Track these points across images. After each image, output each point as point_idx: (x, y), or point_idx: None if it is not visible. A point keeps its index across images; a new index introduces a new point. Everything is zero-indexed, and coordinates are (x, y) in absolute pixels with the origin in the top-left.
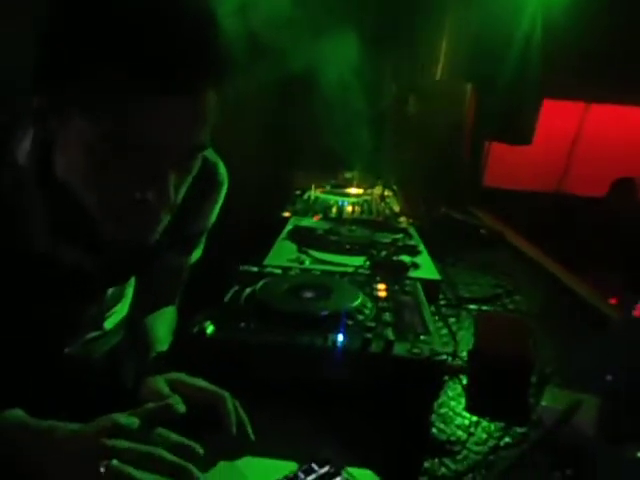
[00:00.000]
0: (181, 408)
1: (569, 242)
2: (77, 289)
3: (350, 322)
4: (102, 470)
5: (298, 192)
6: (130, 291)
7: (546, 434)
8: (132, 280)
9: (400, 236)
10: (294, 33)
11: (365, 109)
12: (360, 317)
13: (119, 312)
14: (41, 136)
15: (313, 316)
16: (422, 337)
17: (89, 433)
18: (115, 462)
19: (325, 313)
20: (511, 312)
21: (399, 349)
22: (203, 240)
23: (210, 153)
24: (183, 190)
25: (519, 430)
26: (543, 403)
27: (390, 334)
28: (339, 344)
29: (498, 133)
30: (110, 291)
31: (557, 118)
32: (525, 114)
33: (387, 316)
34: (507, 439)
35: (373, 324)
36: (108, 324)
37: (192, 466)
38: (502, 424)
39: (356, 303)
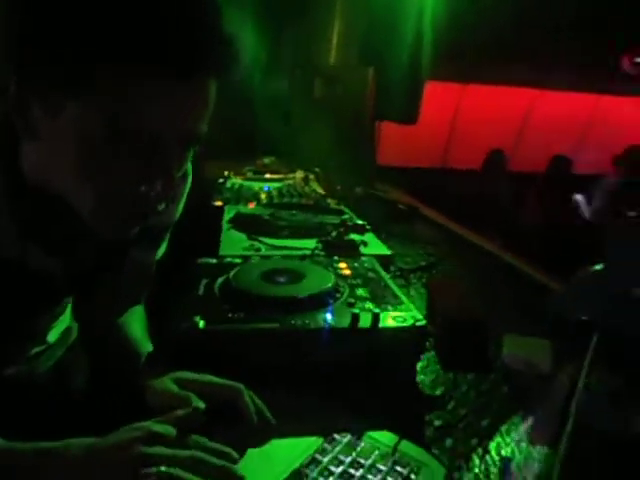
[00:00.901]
0: (202, 406)
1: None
2: (41, 297)
3: (331, 300)
4: (150, 478)
5: (221, 180)
6: (70, 301)
7: None
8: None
9: (347, 216)
10: None
11: (271, 94)
12: (338, 295)
13: (62, 322)
14: (9, 129)
15: (298, 299)
16: (399, 307)
17: (123, 443)
18: (164, 468)
19: (308, 294)
20: (450, 277)
21: (385, 320)
22: (167, 235)
23: None
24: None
25: (491, 377)
26: (505, 351)
27: (373, 307)
28: (329, 322)
29: (387, 113)
30: None
31: (437, 98)
32: (413, 95)
33: (361, 291)
34: (484, 386)
35: (353, 300)
36: (52, 337)
37: (237, 468)
38: (474, 374)
39: (332, 283)
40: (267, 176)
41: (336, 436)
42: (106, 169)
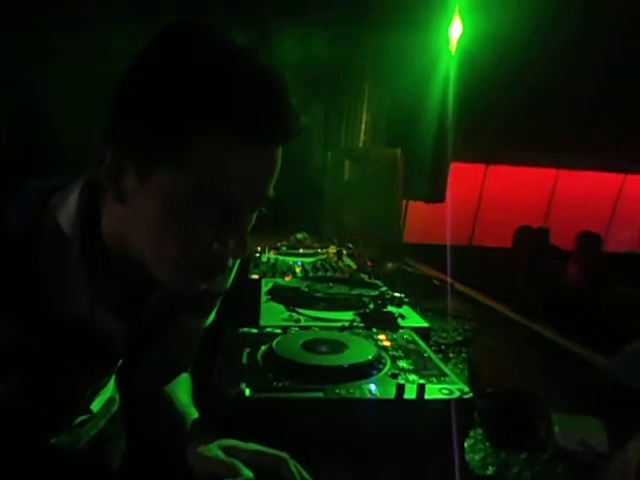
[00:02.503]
0: (249, 474)
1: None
2: (101, 357)
3: (374, 371)
4: None
5: (257, 255)
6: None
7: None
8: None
9: (385, 289)
10: None
11: (305, 175)
12: (381, 367)
13: (105, 392)
14: (95, 192)
15: (341, 368)
16: (444, 379)
17: None
18: None
19: (352, 364)
20: (490, 352)
21: (431, 392)
22: (218, 303)
23: None
24: None
25: (544, 457)
26: (557, 430)
27: (417, 379)
28: (374, 393)
29: (414, 193)
30: None
31: (463, 178)
32: (439, 176)
33: (403, 363)
34: (537, 467)
35: (396, 371)
36: (95, 406)
37: None
38: (525, 454)
39: (374, 353)
40: (300, 251)
41: None
42: (188, 230)
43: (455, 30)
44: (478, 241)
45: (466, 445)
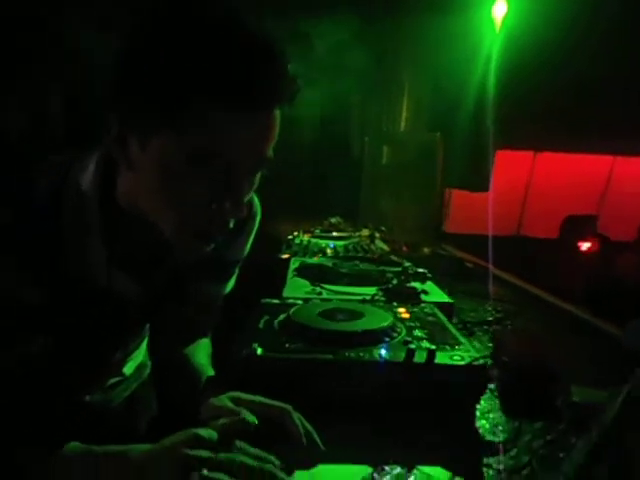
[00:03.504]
0: (253, 420)
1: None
2: (121, 320)
3: (387, 338)
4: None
5: (290, 237)
6: (146, 337)
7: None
8: (147, 328)
9: (408, 265)
10: None
11: (342, 161)
12: (395, 334)
13: (137, 357)
14: (109, 160)
15: (353, 333)
16: (458, 347)
17: (170, 446)
18: (206, 471)
19: (364, 329)
20: (518, 329)
21: (441, 357)
22: (237, 271)
23: None
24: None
25: (559, 427)
26: (575, 400)
27: (429, 345)
28: (384, 356)
29: (460, 181)
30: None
31: (510, 166)
32: (482, 163)
33: (418, 332)
34: (549, 436)
35: (409, 339)
36: (128, 369)
37: (276, 469)
38: (540, 424)
39: (389, 322)
40: (334, 234)
41: (386, 467)
42: (187, 191)
43: (499, 10)
44: (527, 231)
45: (478, 413)
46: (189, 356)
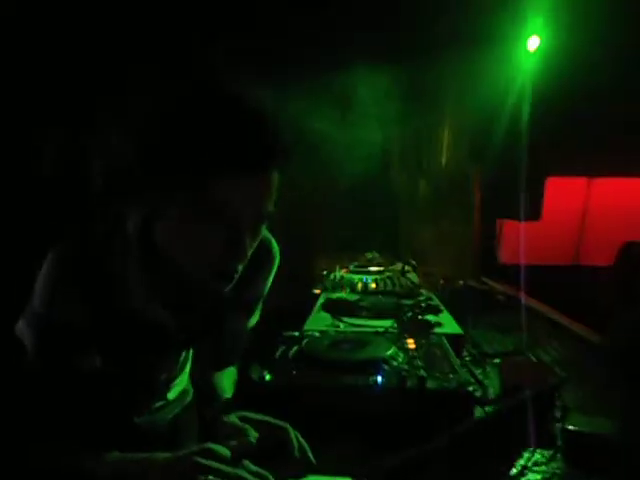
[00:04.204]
0: (254, 436)
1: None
2: (160, 349)
3: (386, 367)
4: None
5: (325, 272)
6: (188, 367)
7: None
8: (190, 356)
9: (423, 298)
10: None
11: (382, 196)
12: (394, 363)
13: (180, 384)
14: (148, 213)
15: (353, 362)
16: (451, 375)
17: (186, 455)
18: (212, 477)
19: (363, 359)
20: (529, 360)
21: (431, 383)
22: (260, 306)
23: (265, 232)
24: (251, 251)
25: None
26: (568, 427)
27: (422, 372)
28: (378, 382)
29: (505, 211)
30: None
31: (563, 194)
32: (529, 192)
33: (418, 362)
34: (540, 457)
35: (407, 367)
36: (171, 394)
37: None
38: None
39: (390, 352)
40: (370, 269)
41: None
42: (207, 239)
43: (533, 42)
44: (585, 260)
45: None
46: (215, 382)
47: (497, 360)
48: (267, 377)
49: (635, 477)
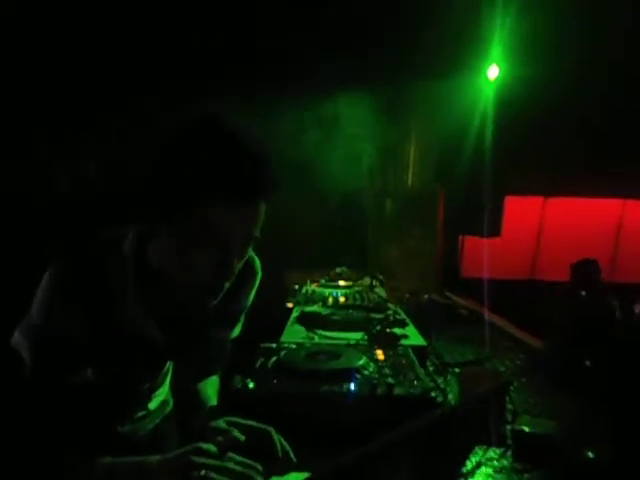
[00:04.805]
0: (241, 438)
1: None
2: (149, 361)
3: (358, 376)
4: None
5: (297, 287)
6: (169, 378)
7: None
8: (171, 368)
9: (391, 312)
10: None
11: (351, 214)
12: (365, 372)
13: (160, 395)
14: (143, 235)
15: (328, 371)
16: (416, 382)
17: (180, 454)
18: (206, 472)
19: (337, 368)
20: (486, 370)
21: (399, 390)
22: (242, 319)
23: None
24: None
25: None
26: (519, 428)
27: (390, 380)
28: (352, 390)
29: (467, 228)
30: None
31: (520, 212)
32: (488, 210)
33: (387, 371)
34: (492, 454)
35: (376, 376)
36: (152, 405)
37: (255, 473)
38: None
39: (361, 362)
40: (340, 283)
41: None
42: (195, 261)
43: (492, 71)
44: (541, 275)
45: None
46: (200, 390)
47: (457, 370)
48: (250, 386)
49: (573, 470)
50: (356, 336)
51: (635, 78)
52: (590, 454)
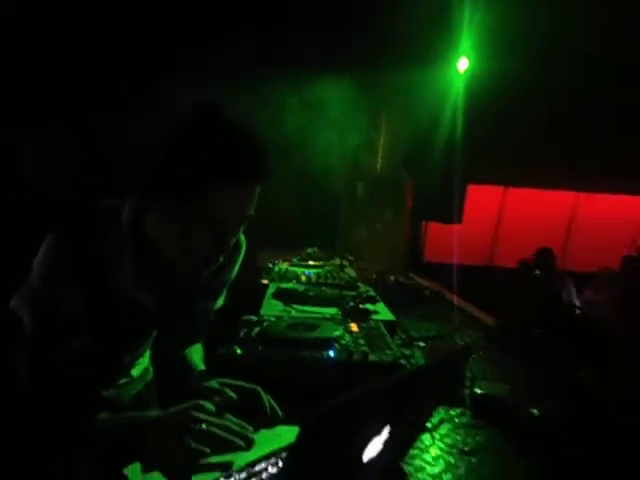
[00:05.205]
0: (234, 396)
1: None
2: (139, 329)
3: (336, 344)
4: (197, 429)
5: (270, 265)
6: (149, 348)
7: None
8: (153, 337)
9: (364, 289)
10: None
11: (323, 197)
12: (342, 342)
13: (143, 363)
14: (141, 207)
15: (309, 340)
16: (387, 351)
17: (180, 409)
18: (204, 425)
19: (317, 338)
20: (448, 344)
21: (372, 357)
22: (225, 291)
23: None
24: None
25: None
26: (477, 391)
27: (365, 348)
28: (331, 356)
29: (432, 214)
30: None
31: (481, 200)
32: (452, 197)
33: (361, 341)
34: (453, 413)
35: (352, 345)
36: (135, 372)
37: (250, 429)
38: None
39: (338, 332)
40: (310, 263)
41: None
42: (196, 237)
43: (462, 63)
44: (499, 261)
45: None
46: (186, 356)
47: (422, 344)
48: (238, 352)
49: (521, 425)
50: (330, 311)
51: (602, 71)
52: (535, 412)
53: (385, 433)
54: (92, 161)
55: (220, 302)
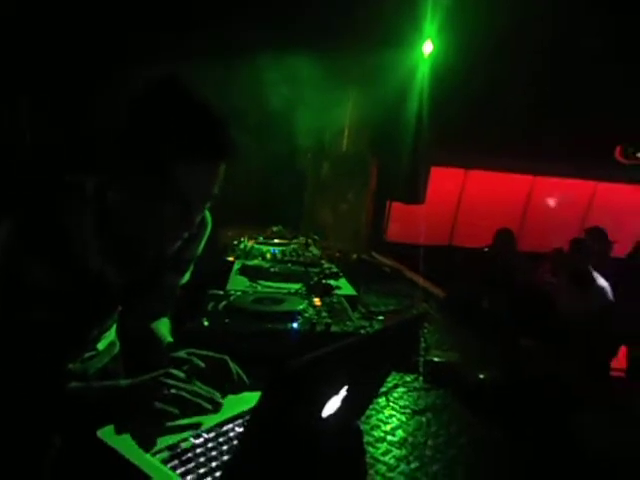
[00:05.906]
0: (202, 365)
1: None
2: (104, 303)
3: (299, 317)
4: (167, 394)
5: (235, 242)
6: (115, 322)
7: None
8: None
9: (327, 266)
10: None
11: (288, 175)
12: (306, 314)
13: (109, 336)
14: (105, 182)
15: (274, 313)
16: (349, 323)
17: (151, 376)
18: (174, 391)
19: (282, 310)
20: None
21: (335, 328)
22: (191, 267)
23: None
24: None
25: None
26: (430, 358)
27: (328, 320)
28: (295, 328)
29: (396, 194)
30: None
31: (443, 182)
32: (416, 178)
33: (324, 314)
34: (407, 379)
35: (315, 317)
36: (101, 345)
37: (217, 395)
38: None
39: (302, 306)
40: (275, 241)
41: None
42: (160, 213)
43: (427, 47)
44: (457, 242)
45: None
46: (154, 329)
47: (381, 317)
48: (205, 324)
49: (469, 389)
50: (295, 287)
51: (564, 56)
52: (481, 376)
53: (343, 392)
54: (57, 135)
55: (186, 277)
